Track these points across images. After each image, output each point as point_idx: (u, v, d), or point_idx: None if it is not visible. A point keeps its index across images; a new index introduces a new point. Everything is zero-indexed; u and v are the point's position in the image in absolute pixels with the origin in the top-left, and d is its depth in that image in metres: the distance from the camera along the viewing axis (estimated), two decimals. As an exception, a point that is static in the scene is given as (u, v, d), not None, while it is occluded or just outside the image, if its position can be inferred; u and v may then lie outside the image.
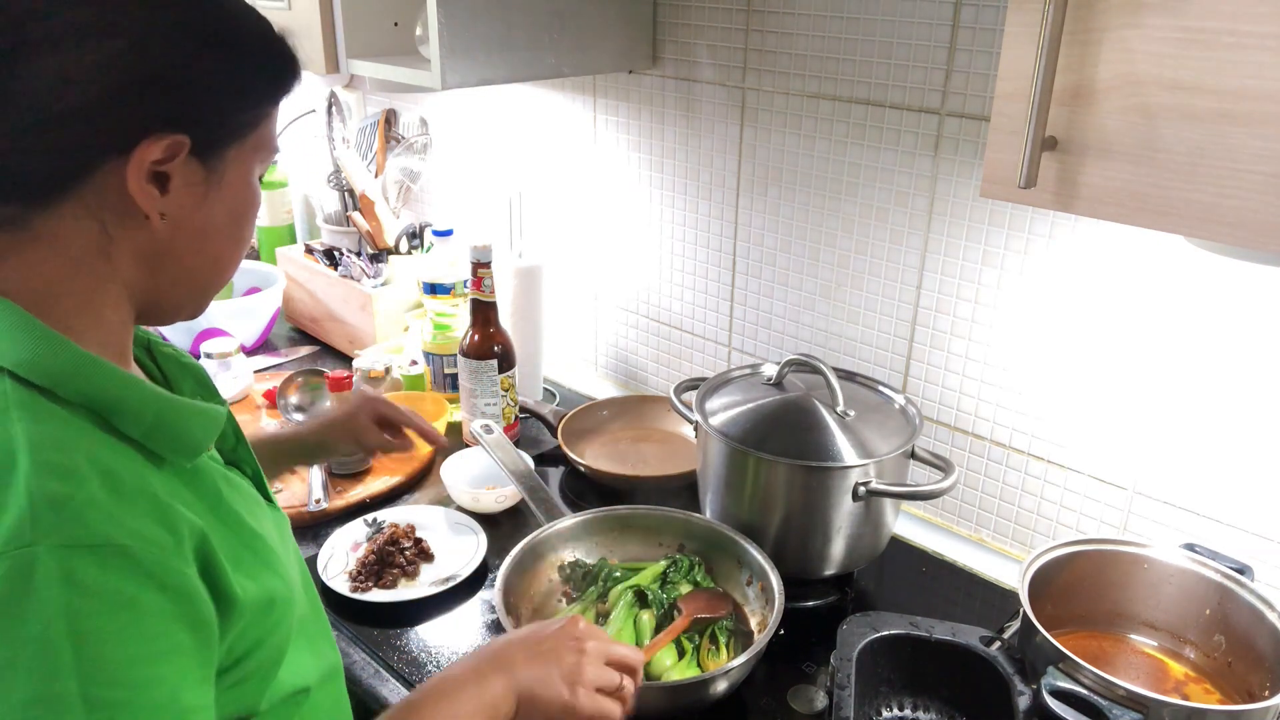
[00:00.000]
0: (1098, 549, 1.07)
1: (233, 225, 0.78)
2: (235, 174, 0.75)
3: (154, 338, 0.88)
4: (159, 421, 0.70)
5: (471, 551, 1.31)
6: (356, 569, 1.28)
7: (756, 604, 1.18)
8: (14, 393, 0.65)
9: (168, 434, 0.70)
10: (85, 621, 0.59)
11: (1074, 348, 1.23)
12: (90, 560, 0.60)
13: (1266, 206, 0.69)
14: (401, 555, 1.30)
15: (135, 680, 0.61)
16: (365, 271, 1.90)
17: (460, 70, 1.32)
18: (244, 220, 0.79)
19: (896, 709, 1.04)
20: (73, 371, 0.67)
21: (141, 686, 0.62)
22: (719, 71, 1.49)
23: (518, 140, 1.88)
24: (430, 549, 1.33)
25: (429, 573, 1.28)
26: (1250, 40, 0.67)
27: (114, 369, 0.69)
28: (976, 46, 1.20)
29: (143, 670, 0.62)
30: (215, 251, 0.77)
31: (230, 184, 0.75)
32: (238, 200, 0.77)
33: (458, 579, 1.25)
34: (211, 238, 0.76)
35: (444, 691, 0.84)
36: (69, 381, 0.66)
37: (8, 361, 0.65)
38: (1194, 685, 1.03)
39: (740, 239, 1.55)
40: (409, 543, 1.32)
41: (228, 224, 0.77)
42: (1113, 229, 1.15)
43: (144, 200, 0.69)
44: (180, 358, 0.89)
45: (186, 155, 0.70)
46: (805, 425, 1.20)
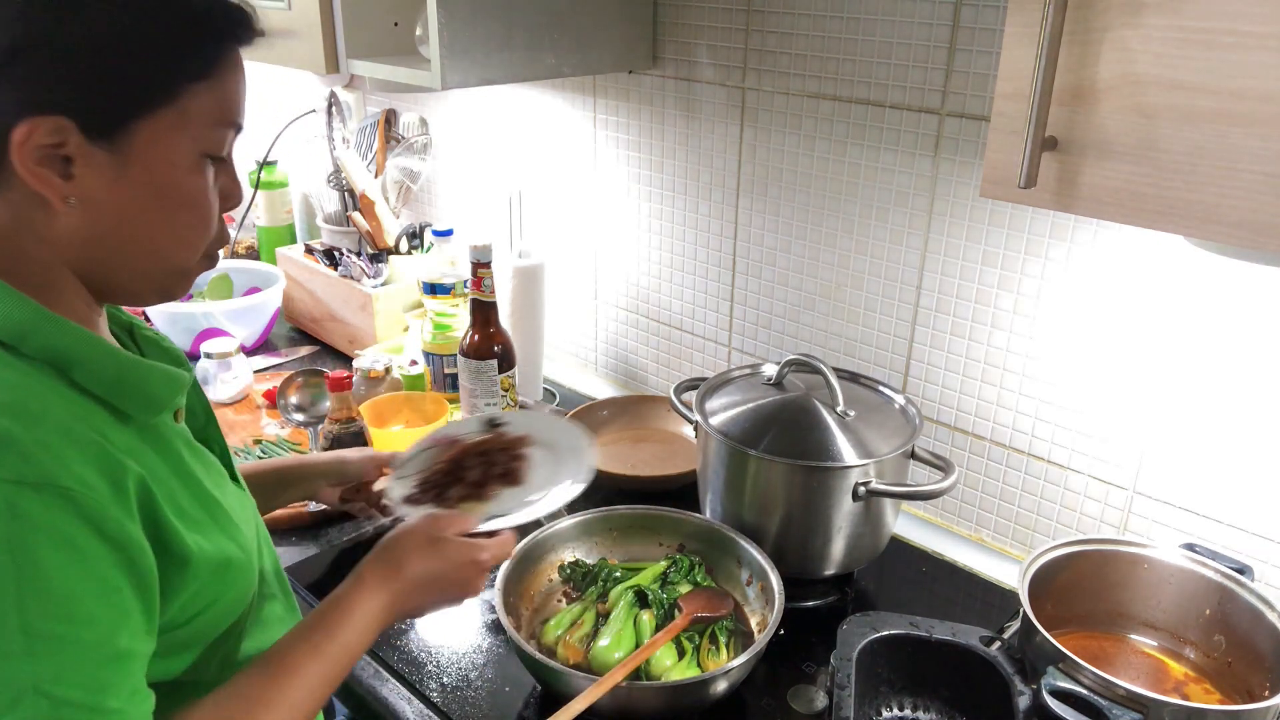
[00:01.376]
0: (1098, 549, 1.07)
1: (159, 209, 0.73)
2: (152, 154, 0.71)
3: (137, 322, 0.90)
4: (120, 377, 0.72)
5: (557, 494, 1.04)
6: (420, 481, 1.07)
7: (756, 604, 1.18)
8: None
9: (129, 389, 0.73)
10: (24, 554, 0.61)
11: (1074, 347, 1.23)
12: (33, 497, 0.62)
13: (1266, 206, 0.69)
14: (479, 471, 1.07)
15: (72, 615, 0.64)
16: (365, 271, 1.90)
17: (460, 70, 1.32)
18: (173, 204, 0.73)
19: (896, 709, 1.04)
20: (33, 328, 0.69)
21: (78, 623, 0.64)
22: (719, 71, 1.49)
23: (518, 140, 1.88)
24: (522, 473, 1.07)
25: (498, 502, 1.03)
26: (1250, 40, 0.67)
27: (75, 327, 0.71)
28: (976, 46, 1.20)
29: (79, 607, 0.64)
30: (145, 236, 0.73)
31: (146, 165, 0.71)
32: (159, 182, 0.72)
33: (505, 518, 1.01)
34: (135, 222, 0.72)
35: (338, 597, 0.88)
36: (31, 337, 0.69)
37: None
38: (1194, 685, 1.03)
39: (740, 239, 1.55)
40: (503, 457, 1.08)
41: (153, 208, 0.72)
42: (1113, 229, 1.15)
43: (39, 185, 0.69)
44: (161, 342, 0.90)
45: (81, 136, 0.68)
46: (805, 425, 1.20)
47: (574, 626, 1.12)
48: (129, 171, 0.70)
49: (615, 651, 1.06)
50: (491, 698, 1.09)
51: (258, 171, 2.24)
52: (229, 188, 0.79)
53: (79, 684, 0.64)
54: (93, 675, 0.64)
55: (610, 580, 1.19)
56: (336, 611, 0.87)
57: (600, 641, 1.08)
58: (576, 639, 1.10)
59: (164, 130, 0.71)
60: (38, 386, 0.68)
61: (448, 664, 1.14)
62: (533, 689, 1.10)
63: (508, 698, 1.09)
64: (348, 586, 0.89)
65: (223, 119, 0.74)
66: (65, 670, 0.63)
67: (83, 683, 0.64)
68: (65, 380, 0.70)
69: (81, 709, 0.63)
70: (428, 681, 1.11)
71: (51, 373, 0.69)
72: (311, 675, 0.81)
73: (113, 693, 0.66)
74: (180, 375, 0.79)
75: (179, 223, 0.74)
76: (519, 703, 1.08)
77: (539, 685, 1.09)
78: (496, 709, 1.07)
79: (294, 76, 2.29)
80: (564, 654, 1.09)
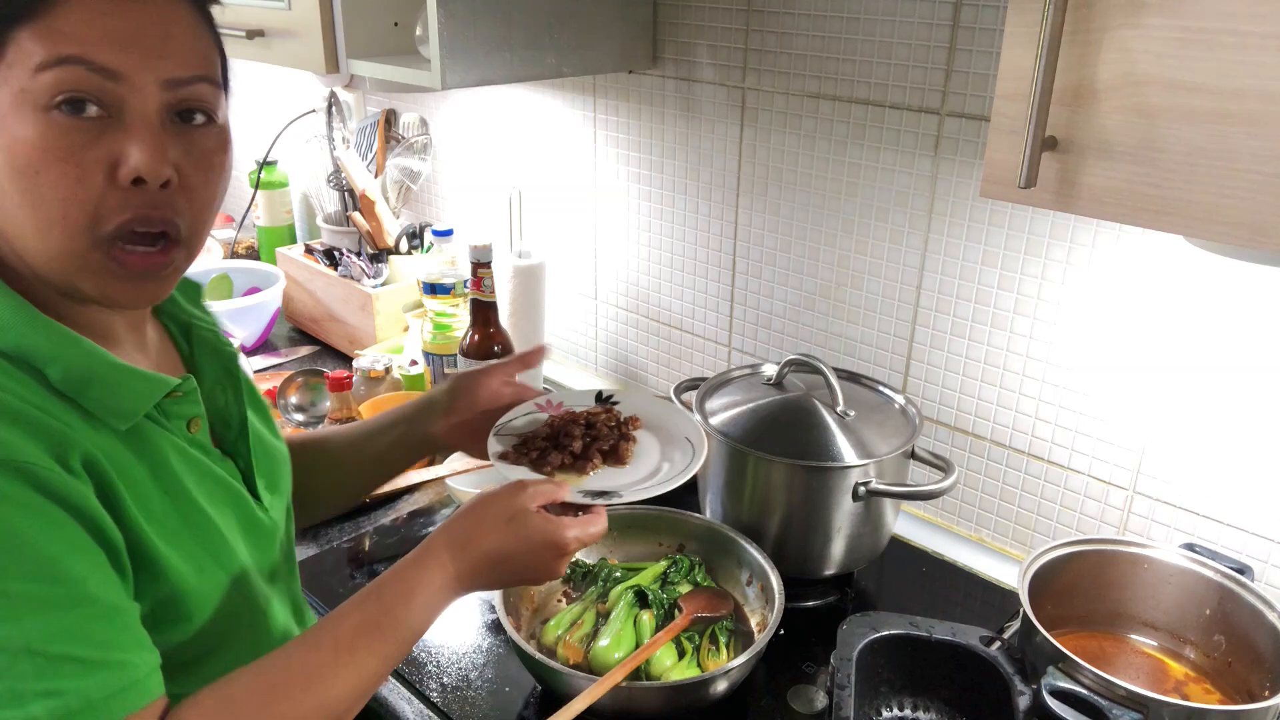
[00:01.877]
0: (1098, 549, 1.07)
1: (8, 177, 0.66)
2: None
3: (198, 320, 0.88)
4: (88, 380, 0.70)
5: (676, 468, 0.98)
6: (525, 438, 1.01)
7: (756, 604, 1.18)
8: None
9: (97, 394, 0.71)
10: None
11: (1074, 347, 1.23)
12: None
13: (1266, 206, 0.69)
14: (583, 443, 0.99)
15: (54, 576, 0.63)
16: (365, 271, 1.91)
17: (460, 70, 1.32)
18: (13, 173, 0.65)
19: (896, 709, 1.04)
20: (7, 324, 0.68)
21: (62, 582, 0.63)
22: (719, 71, 1.49)
23: (517, 140, 1.88)
24: (627, 453, 1.01)
25: (598, 478, 0.98)
26: (1250, 40, 0.67)
27: (53, 326, 0.70)
28: (976, 46, 1.20)
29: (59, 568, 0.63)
30: (14, 214, 0.67)
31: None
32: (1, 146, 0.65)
33: (618, 497, 0.94)
34: (1, 197, 0.67)
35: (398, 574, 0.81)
36: (3, 333, 0.68)
37: None
38: (1194, 685, 1.03)
39: (740, 239, 1.55)
40: (611, 434, 1.02)
41: (3, 177, 0.66)
42: (1113, 229, 1.15)
43: None
44: (216, 343, 0.88)
45: None
46: (805, 425, 1.20)
47: (574, 626, 1.12)
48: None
49: (615, 651, 1.06)
50: (491, 698, 1.09)
51: (258, 171, 2.24)
52: (124, 150, 0.67)
53: (75, 639, 0.63)
54: (85, 630, 0.63)
55: (610, 580, 1.19)
56: (397, 584, 0.80)
57: (600, 641, 1.08)
58: (576, 639, 1.10)
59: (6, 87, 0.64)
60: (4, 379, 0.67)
61: (448, 664, 1.14)
62: (533, 689, 1.10)
63: (508, 698, 1.09)
64: (413, 557, 0.82)
65: (53, 56, 0.64)
66: (56, 628, 0.62)
67: (78, 638, 0.63)
68: (39, 377, 0.69)
69: (82, 664, 0.62)
70: (428, 681, 1.11)
71: (24, 368, 0.68)
72: (363, 653, 0.75)
73: (112, 645, 0.65)
74: (161, 382, 0.75)
75: (24, 196, 0.66)
76: (519, 703, 1.08)
77: (539, 685, 1.09)
78: (496, 709, 1.07)
79: (294, 76, 2.29)
80: (564, 654, 1.09)
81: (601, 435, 1.00)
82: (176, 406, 0.78)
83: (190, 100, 0.71)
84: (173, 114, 0.70)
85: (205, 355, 0.87)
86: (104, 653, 0.64)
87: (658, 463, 1.00)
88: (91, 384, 0.70)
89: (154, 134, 0.68)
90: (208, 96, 0.72)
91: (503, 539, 0.83)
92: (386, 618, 0.78)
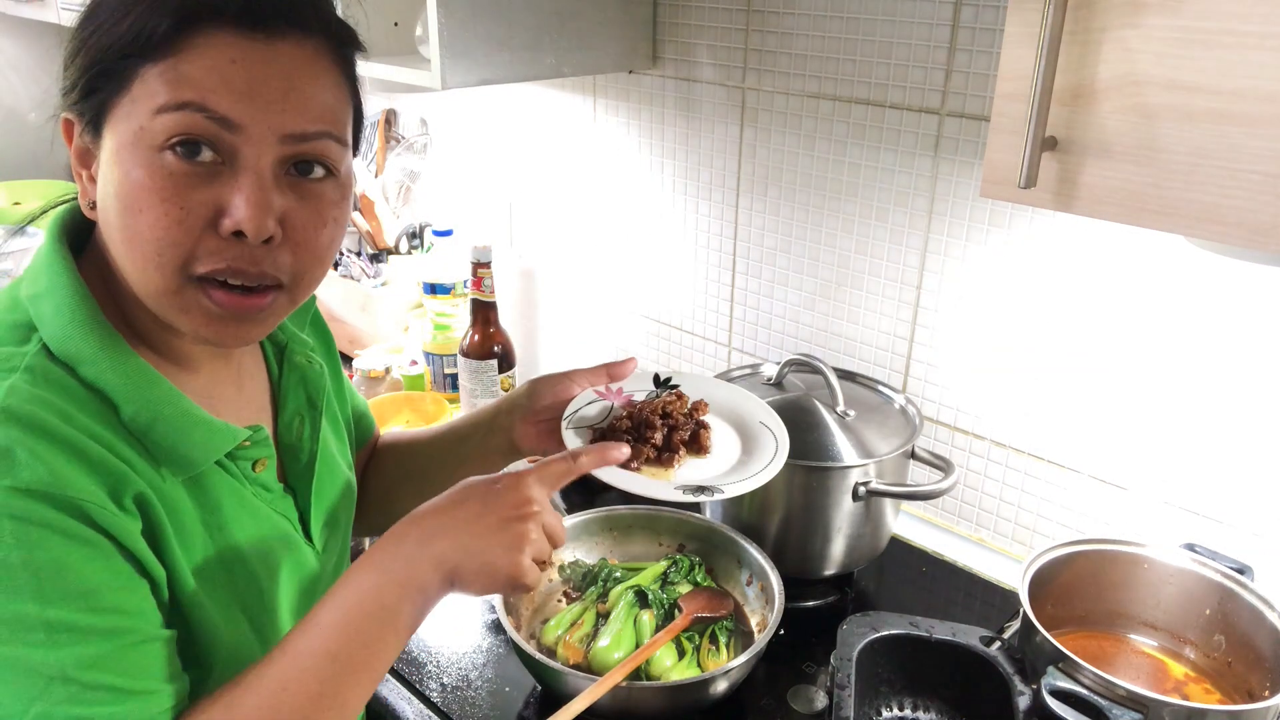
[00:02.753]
0: (1098, 549, 1.07)
1: (116, 211, 0.67)
2: (110, 146, 0.67)
3: (295, 343, 0.87)
4: (154, 424, 0.70)
5: (764, 461, 0.93)
6: (604, 430, 0.95)
7: (756, 604, 1.18)
8: (35, 359, 0.67)
9: (161, 440, 0.71)
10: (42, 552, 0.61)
11: (1074, 348, 1.23)
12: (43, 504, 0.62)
13: (1266, 206, 0.69)
14: (662, 434, 0.93)
15: (94, 606, 0.63)
16: (365, 271, 1.91)
17: (460, 70, 1.32)
18: (122, 206, 0.66)
19: (896, 709, 1.04)
20: (90, 357, 0.68)
21: (101, 613, 0.64)
22: (719, 71, 1.49)
23: (518, 140, 1.88)
24: (707, 440, 0.96)
25: (687, 471, 0.92)
26: (1250, 40, 0.67)
27: (132, 363, 0.70)
28: (976, 46, 1.20)
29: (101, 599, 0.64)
30: (119, 246, 0.68)
31: (108, 159, 0.67)
32: (111, 179, 0.67)
33: (719, 493, 0.89)
34: (110, 228, 0.69)
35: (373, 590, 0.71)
36: (85, 365, 0.68)
37: (45, 333, 0.69)
38: (1194, 685, 1.03)
39: (740, 239, 1.55)
40: (688, 423, 0.96)
41: (112, 209, 0.67)
42: (1113, 229, 1.15)
43: (79, 185, 0.70)
44: (307, 370, 0.87)
45: (81, 129, 0.68)
46: (805, 425, 1.20)
47: (574, 626, 1.12)
48: (104, 169, 0.68)
49: (615, 651, 1.06)
50: (491, 698, 1.09)
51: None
52: (228, 203, 0.66)
53: (109, 668, 0.64)
54: (120, 660, 0.64)
55: (610, 580, 1.19)
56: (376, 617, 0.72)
57: (600, 641, 1.08)
58: (576, 639, 1.10)
59: (120, 119, 0.66)
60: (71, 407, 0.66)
61: (448, 664, 1.14)
62: (533, 689, 1.10)
63: (508, 698, 1.09)
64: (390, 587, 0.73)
65: (172, 101, 0.64)
66: (92, 656, 0.63)
67: (113, 667, 0.64)
68: (112, 413, 0.69)
69: (113, 692, 0.63)
70: (428, 681, 1.11)
71: (101, 402, 0.69)
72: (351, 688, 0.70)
73: (145, 674, 0.66)
74: (231, 433, 0.75)
75: (129, 230, 0.66)
76: (519, 703, 1.08)
77: (539, 685, 1.09)
78: (496, 709, 1.07)
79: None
80: (564, 654, 1.09)
81: (679, 424, 0.94)
82: (244, 451, 0.79)
83: (309, 155, 0.70)
84: (289, 166, 0.69)
85: (293, 381, 0.87)
86: (137, 682, 0.65)
87: (738, 449, 0.95)
88: (155, 431, 0.70)
89: (263, 188, 0.67)
90: (329, 152, 0.71)
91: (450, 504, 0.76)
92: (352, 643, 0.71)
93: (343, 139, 0.73)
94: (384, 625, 0.71)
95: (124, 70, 0.65)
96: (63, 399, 0.66)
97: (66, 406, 0.66)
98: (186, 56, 0.64)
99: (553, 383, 0.98)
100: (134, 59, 0.65)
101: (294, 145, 0.68)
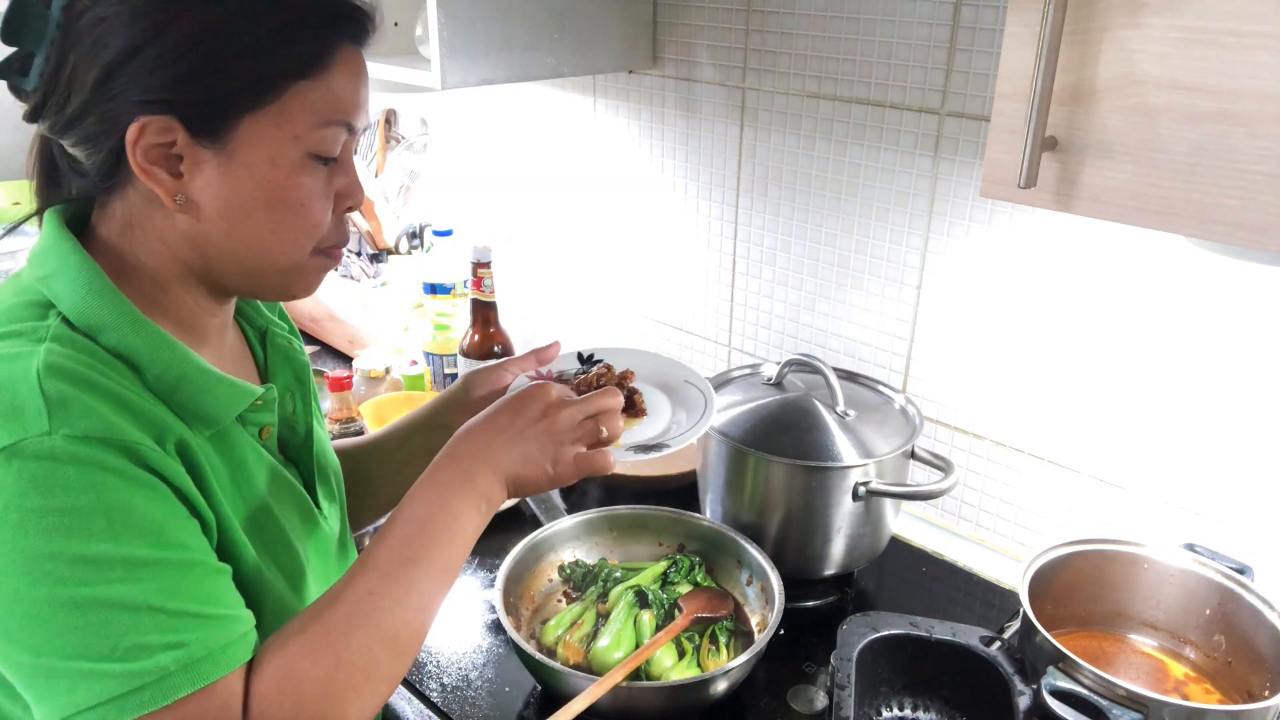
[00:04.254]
0: (1098, 549, 1.07)
1: (261, 209, 0.73)
2: (254, 153, 0.72)
3: (275, 326, 0.92)
4: (180, 383, 0.74)
5: (692, 419, 1.00)
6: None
7: (756, 604, 1.18)
8: (57, 329, 0.70)
9: (186, 398, 0.74)
10: (109, 494, 0.65)
11: (1074, 348, 1.23)
12: (101, 448, 0.65)
13: (1266, 206, 0.69)
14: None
15: (163, 542, 0.67)
16: (365, 271, 1.91)
17: (460, 70, 1.32)
18: (274, 203, 0.73)
19: (896, 709, 1.04)
20: (111, 324, 0.71)
21: (171, 547, 0.67)
22: (719, 71, 1.49)
23: (518, 140, 1.88)
24: (642, 403, 1.03)
25: (632, 433, 0.99)
26: (1250, 40, 0.67)
27: (151, 328, 0.73)
28: (976, 46, 1.20)
29: (167, 534, 0.67)
30: (249, 235, 0.75)
31: (248, 164, 0.72)
32: (260, 181, 0.73)
33: (667, 448, 0.96)
34: (238, 221, 0.74)
35: (439, 503, 0.80)
36: (107, 331, 0.71)
37: (63, 307, 0.71)
38: (1194, 685, 1.03)
39: (740, 239, 1.55)
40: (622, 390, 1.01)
41: (254, 207, 0.73)
42: (1113, 229, 1.15)
43: (152, 183, 0.72)
44: (290, 350, 0.92)
45: (187, 135, 0.70)
46: (805, 425, 1.20)
47: (574, 626, 1.12)
48: (233, 170, 0.72)
49: (615, 651, 1.06)
50: (491, 698, 1.09)
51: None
52: (347, 188, 0.79)
53: (190, 597, 0.67)
54: (197, 589, 0.68)
55: (610, 580, 1.19)
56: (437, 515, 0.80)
57: (600, 641, 1.08)
58: (576, 639, 1.10)
59: (266, 129, 0.71)
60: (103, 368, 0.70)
61: (448, 664, 1.14)
62: (533, 689, 1.10)
63: (508, 698, 1.09)
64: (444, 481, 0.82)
65: (328, 118, 0.73)
66: (172, 587, 0.66)
67: (193, 596, 0.67)
68: (137, 376, 0.72)
69: (198, 618, 0.67)
70: (428, 681, 1.11)
71: (124, 368, 0.72)
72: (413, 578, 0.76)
73: (222, 601, 0.70)
74: (247, 390, 0.79)
75: (280, 223, 0.75)
76: (519, 703, 1.08)
77: (539, 685, 1.09)
78: (496, 709, 1.07)
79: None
80: (564, 654, 1.09)
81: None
82: (254, 414, 0.82)
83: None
84: None
85: (279, 362, 0.91)
86: (217, 608, 0.69)
87: (671, 410, 1.02)
88: (181, 389, 0.74)
89: (355, 170, 0.80)
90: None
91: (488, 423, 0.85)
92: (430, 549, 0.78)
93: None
94: (454, 534, 0.79)
95: (271, 86, 0.71)
96: (93, 364, 0.69)
97: (100, 366, 0.69)
98: (335, 75, 0.73)
99: (486, 374, 1.04)
100: (283, 78, 0.71)
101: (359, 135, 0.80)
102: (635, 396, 1.02)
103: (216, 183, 0.72)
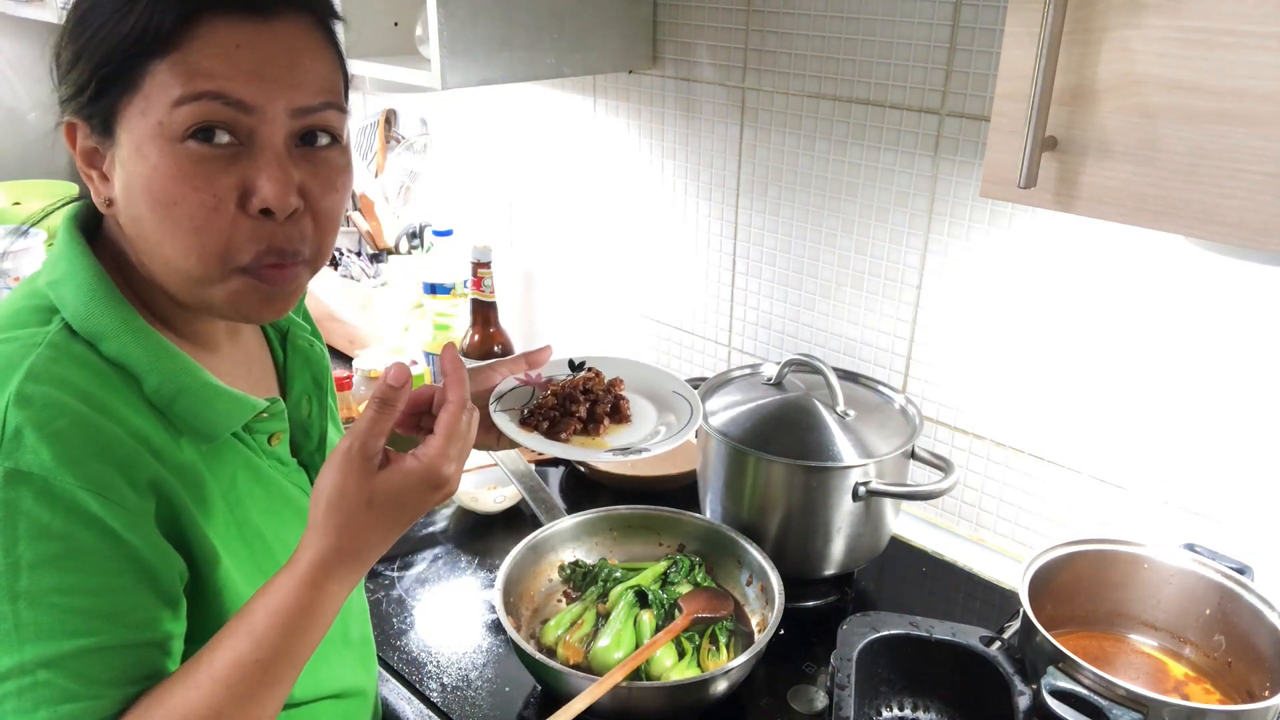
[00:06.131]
0: (1098, 549, 1.07)
1: (145, 208, 0.68)
2: (129, 144, 0.68)
3: (297, 326, 0.90)
4: (178, 395, 0.72)
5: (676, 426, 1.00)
6: (532, 409, 1.00)
7: (756, 604, 1.18)
8: (57, 335, 0.69)
9: (184, 410, 0.73)
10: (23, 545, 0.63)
11: (1074, 348, 1.23)
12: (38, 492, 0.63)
13: (1266, 206, 0.69)
14: (587, 407, 1.00)
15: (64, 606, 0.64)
16: (365, 271, 1.91)
17: (460, 70, 1.32)
18: (152, 200, 0.67)
19: (896, 709, 1.04)
20: (112, 332, 0.70)
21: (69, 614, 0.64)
22: (719, 71, 1.49)
23: (518, 140, 1.88)
24: (628, 411, 1.02)
25: (616, 438, 1.00)
26: (1250, 40, 0.67)
27: (152, 337, 0.72)
28: (976, 46, 1.20)
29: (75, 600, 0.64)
30: (150, 240, 0.70)
31: (123, 159, 0.68)
32: (135, 176, 0.68)
33: (646, 451, 0.96)
34: (136, 224, 0.70)
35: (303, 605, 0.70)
36: (107, 340, 0.70)
37: (67, 313, 0.70)
38: (1194, 685, 1.03)
39: (740, 239, 1.55)
40: (607, 397, 1.03)
41: (140, 207, 0.68)
42: (1113, 229, 1.15)
43: (91, 187, 0.71)
44: (310, 352, 0.90)
45: (89, 132, 0.70)
46: (805, 425, 1.20)
47: (574, 627, 1.12)
48: (123, 168, 0.69)
49: (615, 652, 1.06)
50: (491, 698, 1.09)
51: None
52: (253, 182, 0.68)
53: (65, 671, 0.64)
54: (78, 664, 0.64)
55: (610, 580, 1.19)
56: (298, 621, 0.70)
57: (600, 642, 1.08)
58: (576, 639, 1.10)
59: (134, 118, 0.67)
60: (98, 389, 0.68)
61: (448, 664, 1.14)
62: (533, 689, 1.10)
63: (508, 698, 1.09)
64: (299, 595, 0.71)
65: (187, 93, 0.65)
66: (50, 657, 0.63)
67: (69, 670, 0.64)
68: (135, 387, 0.70)
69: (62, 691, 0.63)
70: (428, 681, 1.11)
71: (124, 378, 0.70)
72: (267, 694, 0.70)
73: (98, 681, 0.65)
74: (250, 404, 0.77)
75: (162, 225, 0.68)
76: (519, 703, 1.08)
77: (539, 685, 1.09)
78: (496, 709, 1.07)
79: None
80: (564, 654, 1.09)
81: (600, 398, 1.01)
82: (262, 423, 0.80)
83: (316, 125, 0.72)
84: (297, 139, 0.71)
85: (298, 363, 0.89)
86: (87, 687, 0.64)
87: (656, 417, 1.03)
88: (180, 398, 0.72)
89: (282, 164, 0.69)
90: (333, 121, 0.73)
91: (379, 523, 0.72)
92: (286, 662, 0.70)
93: (342, 106, 0.75)
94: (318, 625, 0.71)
95: (132, 69, 0.66)
96: (84, 376, 0.68)
97: (88, 385, 0.67)
98: (194, 48, 0.66)
99: (477, 374, 1.01)
100: (141, 57, 0.66)
101: (303, 119, 0.70)
102: (622, 403, 1.02)
103: (118, 184, 0.70)
